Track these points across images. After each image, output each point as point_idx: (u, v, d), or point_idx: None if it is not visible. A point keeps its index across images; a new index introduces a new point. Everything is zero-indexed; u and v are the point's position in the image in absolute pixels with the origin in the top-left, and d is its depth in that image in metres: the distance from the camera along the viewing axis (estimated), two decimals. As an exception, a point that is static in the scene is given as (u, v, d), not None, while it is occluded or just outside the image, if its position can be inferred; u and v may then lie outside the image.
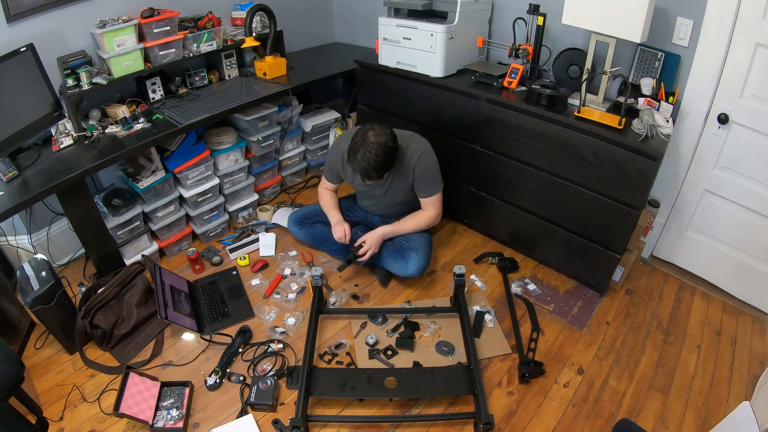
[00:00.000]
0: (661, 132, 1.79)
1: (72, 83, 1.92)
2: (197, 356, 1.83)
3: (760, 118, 1.80)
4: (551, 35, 2.18)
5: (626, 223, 1.90)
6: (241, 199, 2.56)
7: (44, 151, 1.92)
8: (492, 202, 2.33)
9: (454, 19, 2.11)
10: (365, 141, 1.75)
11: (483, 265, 2.31)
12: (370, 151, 1.72)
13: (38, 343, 1.88)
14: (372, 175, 1.78)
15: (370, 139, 1.74)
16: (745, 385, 1.74)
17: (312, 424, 1.57)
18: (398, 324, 1.94)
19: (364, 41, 3.11)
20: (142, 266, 2.02)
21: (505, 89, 2.12)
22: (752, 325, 2.01)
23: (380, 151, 1.73)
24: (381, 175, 1.81)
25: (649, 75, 1.96)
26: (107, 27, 1.94)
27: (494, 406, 1.65)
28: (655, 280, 2.26)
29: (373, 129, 1.77)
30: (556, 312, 2.05)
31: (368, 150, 1.72)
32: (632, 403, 1.68)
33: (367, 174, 1.78)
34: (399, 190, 2.06)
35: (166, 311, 1.82)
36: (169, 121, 2.08)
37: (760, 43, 1.70)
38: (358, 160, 1.75)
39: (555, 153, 1.96)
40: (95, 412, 1.62)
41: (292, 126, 2.71)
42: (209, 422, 1.60)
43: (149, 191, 2.12)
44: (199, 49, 2.29)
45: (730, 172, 1.97)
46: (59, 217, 2.19)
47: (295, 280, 2.20)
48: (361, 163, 1.75)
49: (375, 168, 1.75)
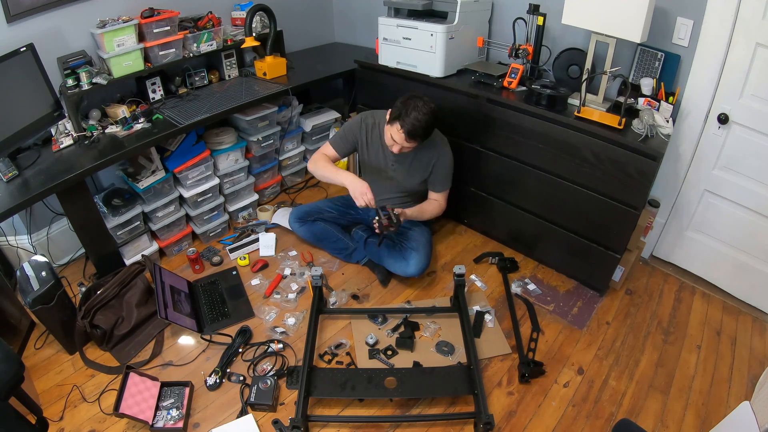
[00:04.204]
0: (661, 132, 1.79)
1: (72, 83, 1.92)
2: (197, 356, 1.83)
3: (760, 118, 1.80)
4: (551, 35, 2.18)
5: (626, 223, 1.90)
6: (241, 199, 2.57)
7: (44, 151, 1.92)
8: (492, 202, 2.33)
9: (454, 19, 2.11)
10: (418, 104, 1.85)
11: (483, 265, 2.31)
12: (422, 111, 1.84)
13: (38, 343, 1.88)
14: (418, 133, 1.86)
15: (421, 103, 1.85)
16: (745, 385, 1.74)
17: (312, 424, 1.57)
18: (398, 324, 1.94)
19: (364, 41, 3.11)
20: (142, 266, 2.02)
21: (505, 89, 2.12)
22: (752, 325, 2.01)
23: (431, 115, 1.86)
24: (422, 139, 1.90)
25: (649, 75, 1.96)
26: (107, 27, 1.95)
27: (494, 406, 1.65)
28: (655, 280, 2.26)
29: (423, 98, 1.88)
30: (556, 312, 2.05)
31: (421, 111, 1.84)
32: (632, 403, 1.68)
33: (415, 133, 1.86)
34: (413, 173, 2.11)
35: (166, 311, 1.82)
36: (169, 121, 2.08)
37: (760, 43, 1.70)
38: (411, 119, 1.83)
39: (555, 153, 1.97)
40: (95, 412, 1.62)
41: (292, 126, 2.71)
42: (209, 422, 1.60)
43: (149, 191, 2.12)
44: (199, 49, 2.29)
45: (730, 172, 1.97)
46: (59, 217, 2.19)
47: (295, 280, 2.20)
48: (413, 122, 1.83)
49: (423, 127, 1.85)
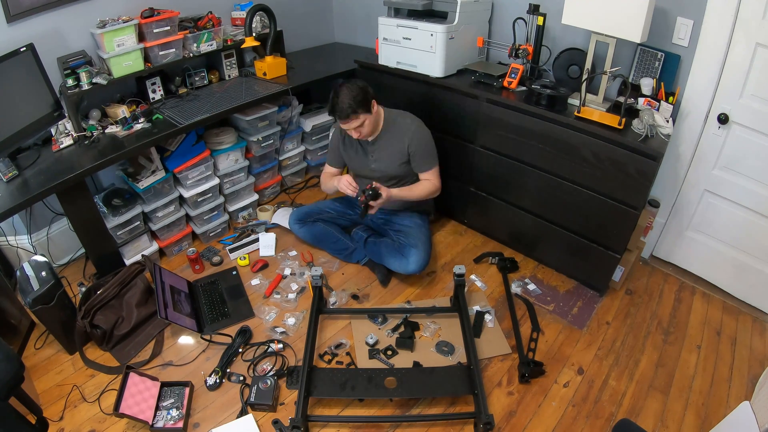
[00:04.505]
0: (661, 132, 1.79)
1: (72, 83, 1.92)
2: (197, 356, 1.83)
3: (760, 118, 1.80)
4: (551, 35, 2.18)
5: (626, 223, 1.90)
6: (241, 199, 2.57)
7: (44, 151, 1.92)
8: (492, 202, 2.33)
9: (454, 19, 2.11)
10: (338, 90, 1.91)
11: (483, 265, 2.31)
12: (343, 93, 1.89)
13: (38, 343, 1.88)
14: (347, 111, 1.88)
15: (341, 87, 1.91)
16: (745, 385, 1.74)
17: (312, 424, 1.57)
18: (398, 324, 1.94)
19: (364, 41, 3.10)
20: (142, 266, 2.02)
21: (505, 89, 2.12)
22: (752, 325, 2.01)
23: (352, 90, 1.89)
24: (357, 112, 1.90)
25: (649, 75, 1.95)
26: (107, 27, 1.95)
27: (494, 406, 1.65)
28: (655, 280, 2.26)
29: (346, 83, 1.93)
30: (556, 312, 2.05)
31: (342, 93, 1.89)
32: (632, 403, 1.68)
33: (345, 113, 1.89)
34: (391, 158, 2.09)
35: (166, 311, 1.82)
36: (169, 121, 2.08)
37: (760, 43, 1.70)
38: (339, 105, 1.88)
39: (555, 153, 1.97)
40: (95, 412, 1.62)
41: (292, 126, 2.71)
42: (209, 422, 1.60)
43: (149, 191, 2.12)
44: (199, 49, 2.29)
45: (730, 172, 1.97)
46: (59, 217, 2.19)
47: (295, 280, 2.20)
48: (341, 105, 1.88)
49: (353, 102, 1.87)
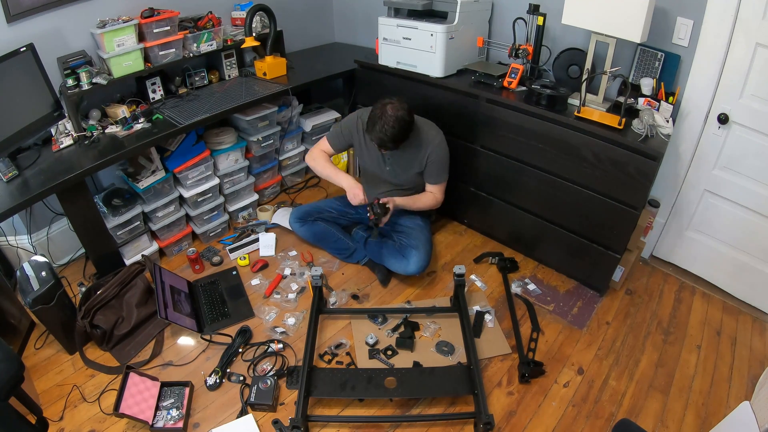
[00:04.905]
0: (661, 132, 1.79)
1: (72, 83, 1.92)
2: (197, 356, 1.83)
3: (760, 118, 1.80)
4: (551, 35, 2.18)
5: (626, 223, 1.90)
6: (241, 199, 2.56)
7: (44, 151, 1.92)
8: (492, 202, 2.33)
9: (454, 19, 2.11)
10: (384, 113, 1.85)
11: (483, 265, 2.31)
12: (388, 123, 1.84)
13: (38, 343, 1.88)
14: (388, 145, 1.90)
15: (388, 111, 1.85)
16: (745, 385, 1.74)
17: (312, 424, 1.57)
18: (398, 324, 1.94)
19: (364, 41, 3.10)
20: (142, 266, 2.02)
21: (505, 89, 2.12)
22: (752, 325, 2.01)
23: (397, 124, 1.84)
24: (396, 146, 1.92)
25: (649, 75, 1.96)
26: (107, 27, 1.95)
27: (494, 406, 1.65)
28: (655, 280, 2.26)
29: (392, 103, 1.88)
30: (556, 312, 2.05)
31: (386, 122, 1.84)
32: (632, 403, 1.68)
33: (384, 144, 1.91)
34: (407, 167, 2.10)
35: (166, 311, 1.82)
36: (169, 121, 2.08)
37: (760, 43, 1.70)
38: (377, 131, 1.87)
39: (555, 153, 1.97)
40: (95, 412, 1.62)
41: (292, 126, 2.71)
42: (209, 422, 1.60)
43: (149, 191, 2.12)
44: (199, 49, 2.29)
45: (730, 172, 1.97)
46: (59, 217, 2.19)
47: (295, 280, 2.20)
48: (379, 134, 1.86)
49: (392, 139, 1.87)
